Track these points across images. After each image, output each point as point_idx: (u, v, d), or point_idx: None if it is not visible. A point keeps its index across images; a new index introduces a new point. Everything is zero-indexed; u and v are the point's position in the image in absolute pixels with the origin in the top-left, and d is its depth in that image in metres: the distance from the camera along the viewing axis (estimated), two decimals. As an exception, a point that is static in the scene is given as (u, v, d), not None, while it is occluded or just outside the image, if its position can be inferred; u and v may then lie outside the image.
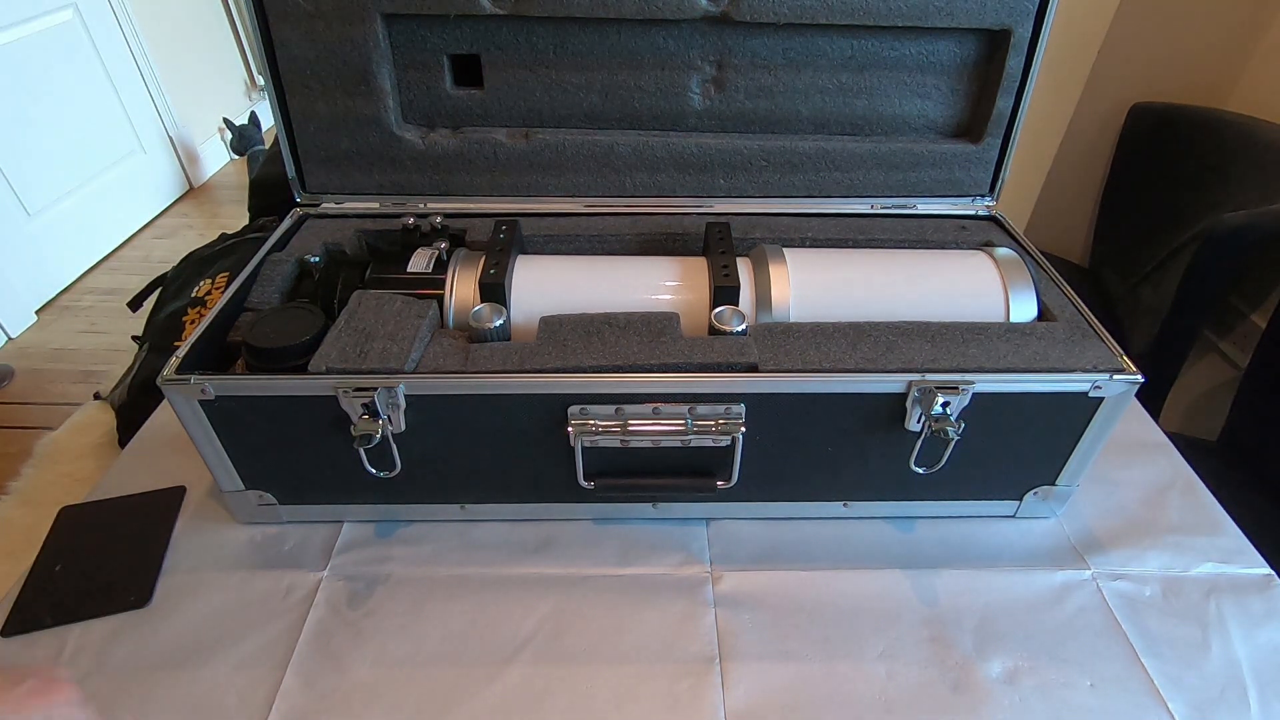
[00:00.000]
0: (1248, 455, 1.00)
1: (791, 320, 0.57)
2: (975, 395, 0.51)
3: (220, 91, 2.73)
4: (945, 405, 0.51)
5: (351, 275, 0.59)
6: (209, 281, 1.19)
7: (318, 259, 0.62)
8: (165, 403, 0.63)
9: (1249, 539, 0.59)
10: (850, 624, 0.53)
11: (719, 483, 0.55)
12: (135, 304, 1.17)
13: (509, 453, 0.55)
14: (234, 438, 0.53)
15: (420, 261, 0.60)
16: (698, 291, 0.58)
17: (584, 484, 0.55)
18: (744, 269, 0.59)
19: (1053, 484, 0.58)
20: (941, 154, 0.69)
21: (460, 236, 0.65)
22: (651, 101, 0.67)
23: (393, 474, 0.55)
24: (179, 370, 0.50)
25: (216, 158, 2.68)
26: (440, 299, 0.57)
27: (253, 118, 2.45)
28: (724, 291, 0.56)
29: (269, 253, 0.63)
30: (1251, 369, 1.01)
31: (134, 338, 1.34)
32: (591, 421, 0.52)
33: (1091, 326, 0.56)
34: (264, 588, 0.55)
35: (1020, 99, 0.66)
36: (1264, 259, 1.16)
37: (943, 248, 0.66)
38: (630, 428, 0.52)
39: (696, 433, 0.52)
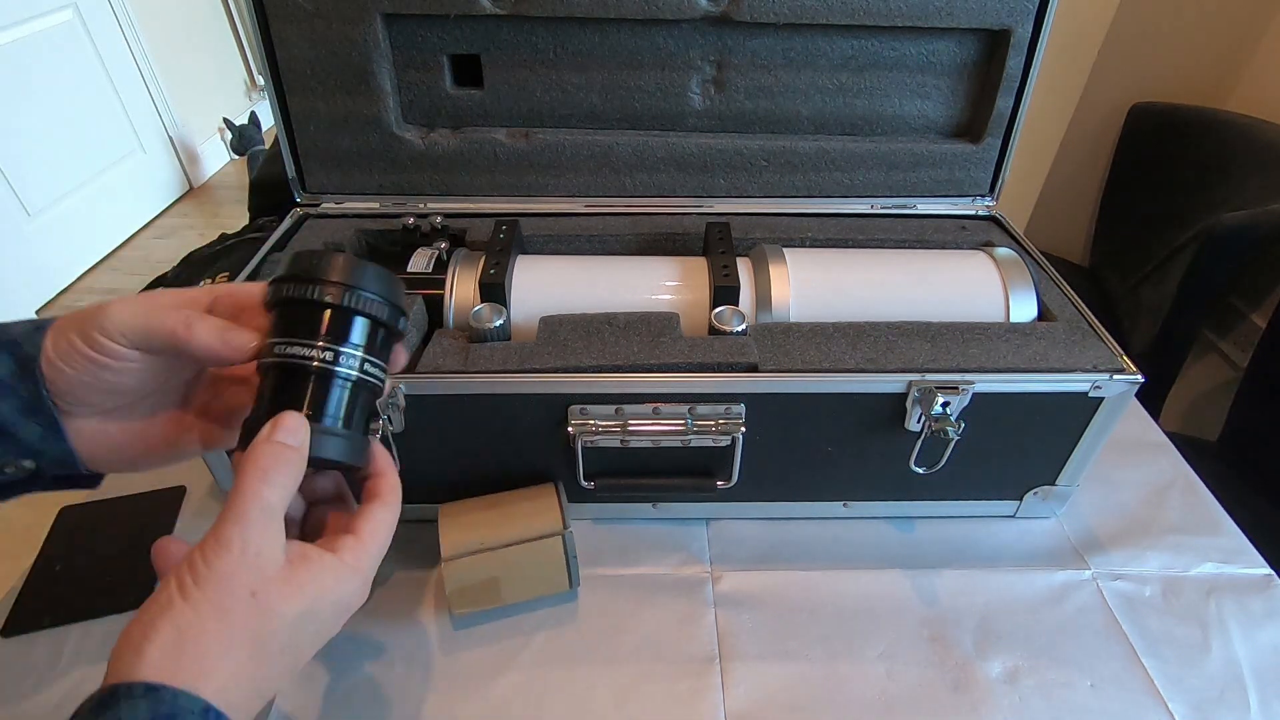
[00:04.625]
0: (1248, 455, 1.00)
1: (791, 320, 0.57)
2: (975, 395, 0.51)
3: (220, 91, 2.73)
4: (945, 405, 0.51)
5: (352, 275, 0.59)
6: (209, 281, 1.20)
7: (318, 259, 0.62)
8: (165, 403, 0.63)
9: (1249, 539, 0.59)
10: (850, 624, 0.53)
11: (719, 483, 0.55)
12: (135, 304, 1.17)
13: (509, 453, 0.55)
14: (234, 438, 0.53)
15: (420, 261, 0.60)
16: (698, 291, 0.58)
17: (584, 484, 0.55)
18: (744, 269, 0.59)
19: (1053, 484, 0.58)
20: (941, 154, 0.69)
21: (460, 236, 0.65)
22: (651, 101, 0.67)
23: (393, 474, 0.54)
24: (179, 370, 0.50)
25: (216, 158, 2.68)
26: (439, 299, 0.57)
27: (253, 118, 2.45)
28: (724, 291, 0.56)
29: (269, 253, 0.63)
30: (1251, 369, 1.01)
31: (134, 338, 1.34)
32: (591, 421, 0.52)
33: (1091, 326, 0.56)
34: (264, 588, 0.55)
35: (1020, 99, 0.66)
36: (1264, 259, 1.16)
37: (943, 248, 0.66)
38: (630, 428, 0.52)
39: (696, 433, 0.52)
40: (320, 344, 0.31)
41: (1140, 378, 0.51)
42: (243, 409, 0.32)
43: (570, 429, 0.52)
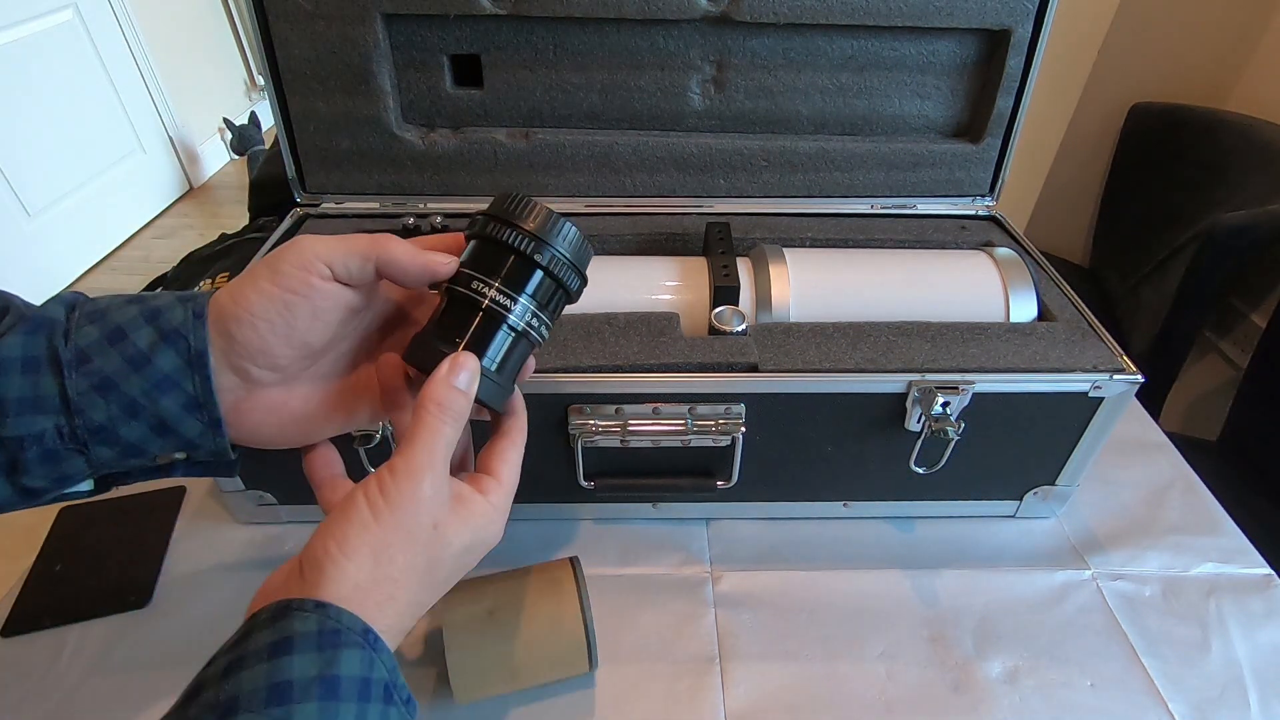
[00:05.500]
0: (1248, 455, 1.00)
1: (791, 320, 0.57)
2: (975, 395, 0.51)
3: (220, 91, 2.74)
4: (945, 405, 0.51)
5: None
6: (209, 281, 1.20)
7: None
8: (165, 403, 0.63)
9: (1249, 539, 0.59)
10: (850, 624, 0.53)
11: (719, 483, 0.55)
12: (135, 304, 1.17)
13: (509, 453, 0.55)
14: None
15: (420, 261, 0.60)
16: (698, 291, 0.58)
17: (584, 484, 0.55)
18: (744, 269, 0.59)
19: (1053, 484, 0.58)
20: (941, 154, 0.69)
21: (460, 236, 0.65)
22: (651, 101, 0.67)
23: (393, 474, 0.54)
24: (179, 370, 0.50)
25: (216, 158, 2.69)
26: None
27: (253, 118, 2.45)
28: (724, 291, 0.56)
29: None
30: (1251, 369, 1.01)
31: (134, 338, 1.34)
32: (591, 421, 0.52)
33: (1091, 326, 0.56)
34: (264, 588, 0.55)
35: (1020, 99, 0.66)
36: (1264, 259, 1.16)
37: (943, 248, 0.66)
38: (630, 428, 0.52)
39: (696, 433, 0.52)
40: (497, 284, 0.33)
41: (1140, 378, 0.51)
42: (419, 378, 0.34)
43: (570, 429, 0.52)
